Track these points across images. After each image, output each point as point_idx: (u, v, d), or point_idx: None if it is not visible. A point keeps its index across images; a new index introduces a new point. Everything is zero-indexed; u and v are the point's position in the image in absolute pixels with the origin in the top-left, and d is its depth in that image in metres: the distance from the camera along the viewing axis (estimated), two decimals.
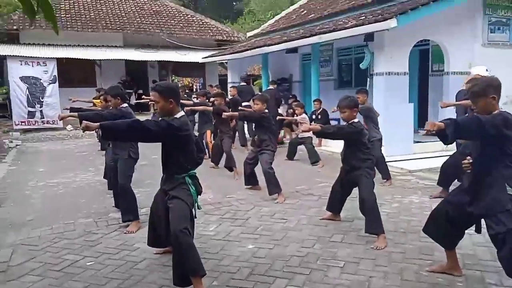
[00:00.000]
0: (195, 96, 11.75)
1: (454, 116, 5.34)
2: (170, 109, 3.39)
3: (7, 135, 14.82)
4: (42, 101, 15.87)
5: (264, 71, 13.58)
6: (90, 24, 18.42)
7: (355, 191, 4.57)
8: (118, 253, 4.19)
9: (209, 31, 20.28)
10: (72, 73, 17.58)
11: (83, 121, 3.24)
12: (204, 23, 20.77)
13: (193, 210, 3.44)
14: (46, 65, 15.76)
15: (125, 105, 5.13)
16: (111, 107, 5.31)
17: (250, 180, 6.51)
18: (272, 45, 11.78)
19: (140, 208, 5.07)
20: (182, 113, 3.45)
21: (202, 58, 16.33)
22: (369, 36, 8.73)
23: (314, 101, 10.05)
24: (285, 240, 4.41)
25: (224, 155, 7.73)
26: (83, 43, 17.57)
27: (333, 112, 7.47)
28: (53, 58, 15.91)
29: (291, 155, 8.78)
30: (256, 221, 5.05)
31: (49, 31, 16.51)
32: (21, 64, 15.47)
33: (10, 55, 15.45)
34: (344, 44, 12.38)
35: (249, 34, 17.03)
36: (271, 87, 12.42)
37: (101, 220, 5.23)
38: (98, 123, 3.07)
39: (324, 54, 13.78)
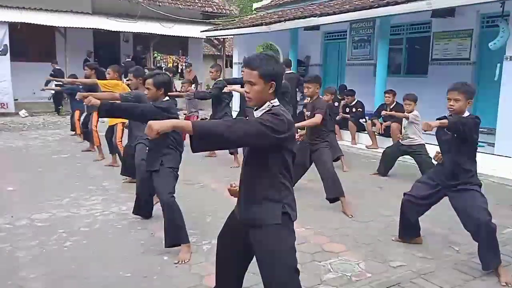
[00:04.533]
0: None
1: None
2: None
3: None
4: None
5: (293, 50, 10.84)
6: None
7: None
8: None
9: (197, 1, 17.06)
10: (28, 44, 13.81)
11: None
12: None
13: None
14: None
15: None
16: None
17: None
18: (308, 16, 9.07)
19: None
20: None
21: (201, 31, 13.26)
22: None
23: (386, 92, 7.58)
24: None
25: None
26: (42, 5, 13.80)
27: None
28: (5, 22, 12.15)
29: (385, 169, 6.26)
30: None
31: None
32: None
33: None
34: (393, 21, 9.95)
35: (255, 5, 14.12)
36: (288, 70, 9.74)
37: None
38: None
39: (361, 33, 11.29)
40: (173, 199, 3.67)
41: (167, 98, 3.88)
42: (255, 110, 2.27)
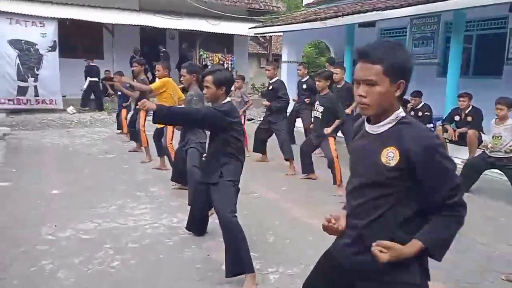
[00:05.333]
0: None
1: None
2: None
3: None
4: (38, 74, 12.12)
5: (349, 49, 10.09)
6: None
7: None
8: None
9: None
10: (76, 41, 13.78)
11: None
12: None
13: None
14: (44, 26, 11.98)
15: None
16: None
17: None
18: (370, 10, 8.29)
19: None
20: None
21: (249, 28, 12.71)
22: None
23: (461, 96, 6.73)
24: None
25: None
26: (90, 2, 13.72)
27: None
28: (54, 18, 12.10)
29: (467, 184, 5.45)
30: None
31: None
32: (10, 23, 11.63)
33: None
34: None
35: (306, 1, 13.43)
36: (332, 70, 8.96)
37: None
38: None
39: (423, 29, 10.39)
40: (235, 219, 3.12)
41: (228, 99, 3.35)
42: (371, 123, 1.66)
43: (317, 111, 5.45)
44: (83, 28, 13.28)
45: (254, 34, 13.24)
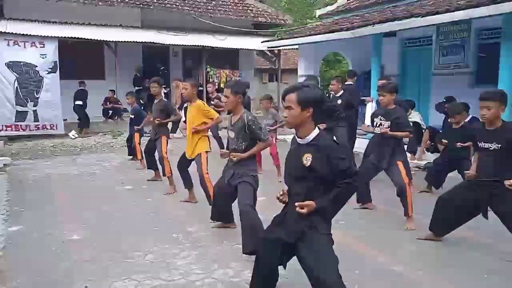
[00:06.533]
0: None
1: None
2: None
3: None
4: (38, 98, 11.34)
5: (376, 61, 9.44)
6: None
7: None
8: None
9: (248, 11, 15.99)
10: (76, 61, 13.03)
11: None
12: (240, 1, 16.43)
13: None
14: (44, 47, 11.24)
15: None
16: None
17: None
18: (408, 17, 7.66)
19: None
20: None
21: (262, 42, 12.04)
22: None
23: None
24: None
25: None
26: (90, 20, 13.03)
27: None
28: (54, 37, 11.37)
29: None
30: None
31: (46, 2, 12.01)
32: (8, 44, 10.87)
33: None
34: (493, 22, 8.37)
35: (319, 12, 12.84)
36: (349, 81, 8.37)
37: None
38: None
39: (451, 38, 9.81)
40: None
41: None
42: None
43: (379, 127, 4.70)
44: (84, 47, 12.58)
45: (268, 48, 12.58)
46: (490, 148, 3.65)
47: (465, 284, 3.43)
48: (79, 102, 12.23)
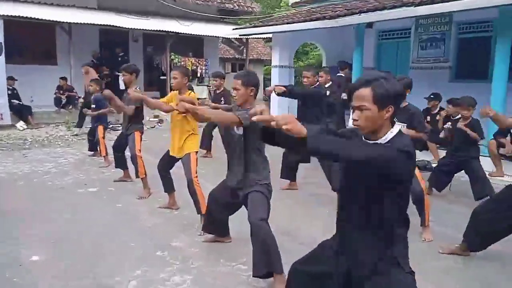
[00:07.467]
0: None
1: None
2: None
3: None
4: None
5: (359, 51, 9.00)
6: None
7: None
8: None
9: None
10: (24, 43, 11.66)
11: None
12: None
13: None
14: None
15: None
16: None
17: None
18: (398, 6, 7.23)
19: None
20: None
21: (233, 29, 11.28)
22: None
23: None
24: None
25: None
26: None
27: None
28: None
29: None
30: None
31: None
32: None
33: None
34: (475, 16, 8.15)
35: (292, 0, 12.23)
36: (341, 73, 7.99)
37: None
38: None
39: (431, 30, 9.55)
40: None
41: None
42: None
43: None
44: (33, 28, 11.29)
45: (240, 35, 11.85)
46: None
47: None
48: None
